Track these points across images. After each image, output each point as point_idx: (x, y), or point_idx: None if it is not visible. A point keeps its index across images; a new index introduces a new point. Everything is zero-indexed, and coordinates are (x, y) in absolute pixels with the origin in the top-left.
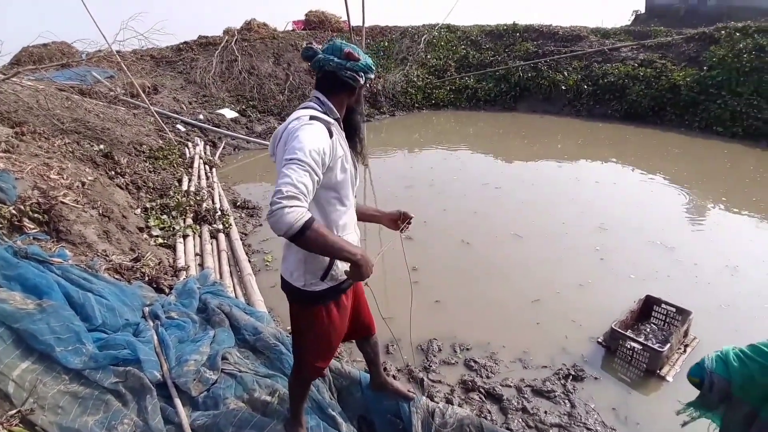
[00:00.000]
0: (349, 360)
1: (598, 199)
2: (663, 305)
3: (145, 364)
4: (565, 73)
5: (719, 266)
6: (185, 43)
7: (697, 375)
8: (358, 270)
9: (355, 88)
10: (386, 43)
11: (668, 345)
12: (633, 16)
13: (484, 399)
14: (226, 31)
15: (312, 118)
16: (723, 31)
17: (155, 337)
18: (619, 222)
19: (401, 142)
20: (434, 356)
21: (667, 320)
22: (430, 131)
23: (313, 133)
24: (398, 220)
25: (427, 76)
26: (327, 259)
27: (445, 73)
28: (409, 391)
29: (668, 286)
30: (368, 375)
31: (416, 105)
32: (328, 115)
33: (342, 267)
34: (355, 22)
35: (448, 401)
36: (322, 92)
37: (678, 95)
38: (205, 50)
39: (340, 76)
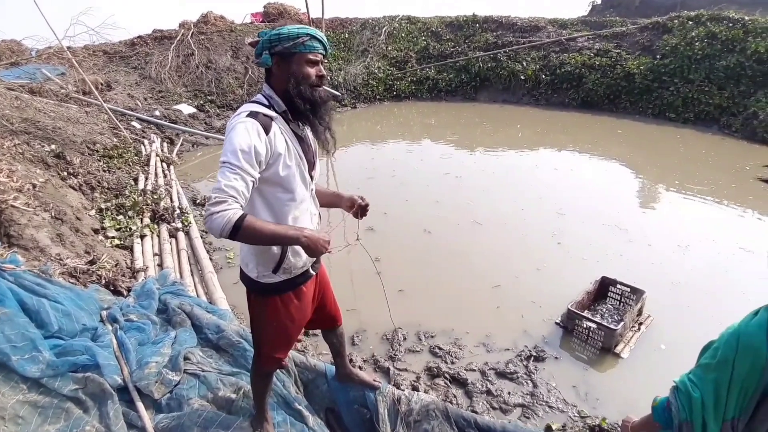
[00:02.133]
0: (315, 353)
1: (555, 185)
2: (618, 285)
3: (104, 369)
4: (524, 63)
5: (671, 246)
6: (139, 37)
7: (662, 421)
8: (309, 249)
9: (272, 69)
10: (347, 35)
11: (622, 323)
12: (590, 7)
13: (449, 384)
14: (182, 24)
15: (250, 114)
16: (676, 20)
17: (114, 341)
18: (576, 207)
19: (363, 135)
20: (399, 345)
21: (622, 300)
22: (392, 122)
23: (244, 133)
24: (354, 206)
25: (388, 67)
26: (278, 252)
27: (406, 65)
28: (374, 380)
29: (623, 267)
30: (333, 367)
31: (378, 97)
32: (274, 109)
33: (295, 260)
34: (315, 13)
35: (414, 388)
36: (269, 84)
37: (632, 83)
38: (160, 44)
39: (263, 65)
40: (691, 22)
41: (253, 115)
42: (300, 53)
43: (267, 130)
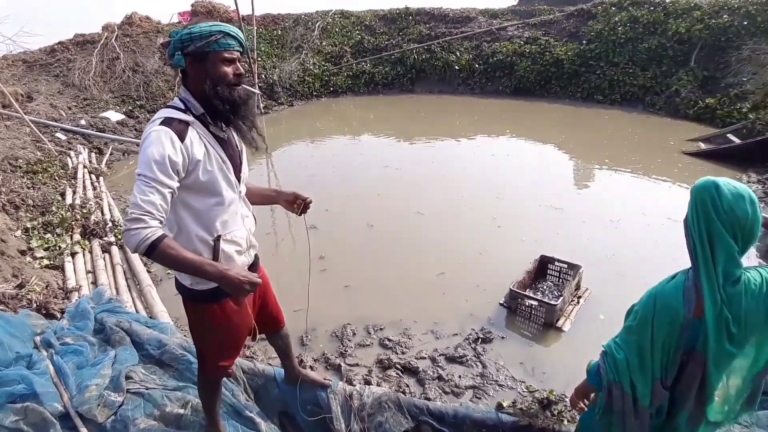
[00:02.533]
0: (264, 359)
1: (494, 171)
2: (556, 263)
3: (43, 397)
4: (458, 53)
5: (604, 221)
6: (60, 43)
7: (596, 384)
8: (225, 285)
9: (185, 71)
10: (279, 32)
11: (561, 298)
12: None
13: (401, 374)
14: (106, 27)
15: (163, 121)
16: (600, 7)
17: (51, 367)
18: (514, 190)
19: (302, 132)
20: (349, 341)
21: (561, 276)
22: (331, 118)
23: (157, 143)
24: (294, 203)
25: (323, 63)
26: (209, 257)
27: (341, 60)
28: (325, 378)
29: (560, 244)
30: (283, 371)
31: (314, 93)
32: (191, 112)
33: (229, 266)
34: (245, 10)
35: (367, 382)
36: (186, 87)
37: (561, 69)
38: (82, 49)
39: (176, 67)
40: (614, 8)
41: (167, 122)
42: (214, 52)
43: (182, 137)
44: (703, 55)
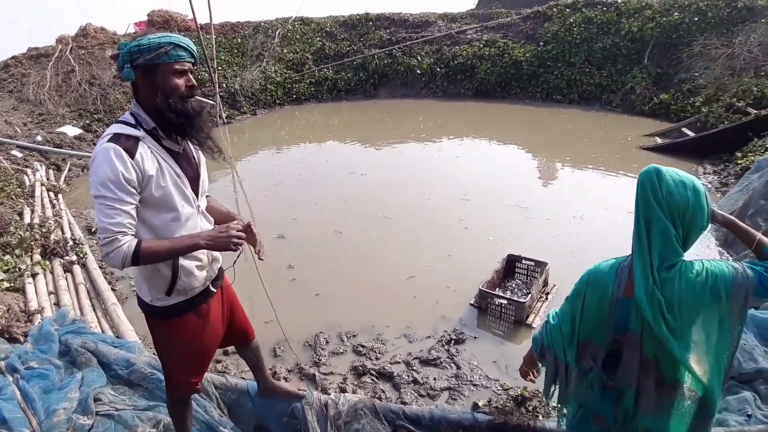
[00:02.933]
0: (237, 372)
1: (459, 172)
2: (523, 261)
3: (12, 423)
4: (419, 57)
5: (568, 218)
6: (13, 57)
7: (535, 349)
8: (214, 247)
9: (136, 83)
10: (239, 40)
11: (529, 296)
12: (477, 0)
13: (376, 380)
14: (60, 40)
15: (112, 138)
16: (555, 8)
17: (17, 392)
18: (479, 191)
19: (266, 141)
20: (322, 349)
21: (529, 273)
22: (295, 126)
23: (107, 163)
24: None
25: (285, 70)
26: (168, 274)
27: (303, 67)
28: (299, 389)
29: (527, 242)
30: (256, 384)
31: (277, 101)
32: (142, 127)
33: (189, 280)
34: (203, 19)
35: (342, 390)
36: (137, 101)
37: (520, 70)
38: (36, 63)
39: (126, 80)
40: (568, 9)
41: (115, 138)
42: (165, 64)
43: (132, 154)
44: (655, 53)
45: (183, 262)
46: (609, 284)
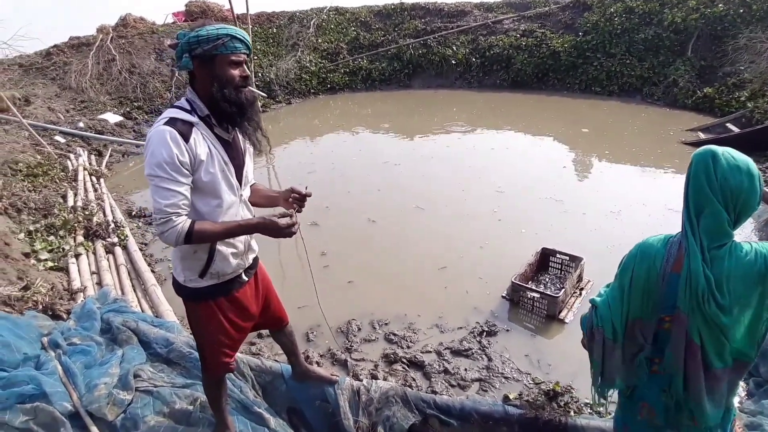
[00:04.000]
0: (271, 356)
1: (493, 164)
2: (558, 255)
3: (52, 397)
4: (454, 47)
5: (605, 212)
6: (55, 46)
7: (583, 329)
8: (268, 233)
9: (194, 72)
10: (275, 30)
11: (563, 291)
12: None
13: (407, 368)
14: (100, 29)
15: (168, 121)
16: None
17: (59, 367)
18: (514, 184)
19: (301, 130)
20: (354, 336)
21: (563, 268)
22: (329, 115)
23: (163, 144)
24: (289, 198)
25: (320, 60)
26: (204, 257)
27: (337, 56)
28: (332, 374)
29: (561, 236)
30: (290, 367)
31: (312, 90)
32: (195, 113)
33: (223, 266)
34: (240, 9)
35: (373, 377)
36: (192, 88)
37: (558, 61)
38: (78, 52)
39: (184, 68)
40: None
41: (171, 122)
42: (222, 55)
43: (186, 138)
44: (699, 45)
45: (220, 247)
46: (658, 258)
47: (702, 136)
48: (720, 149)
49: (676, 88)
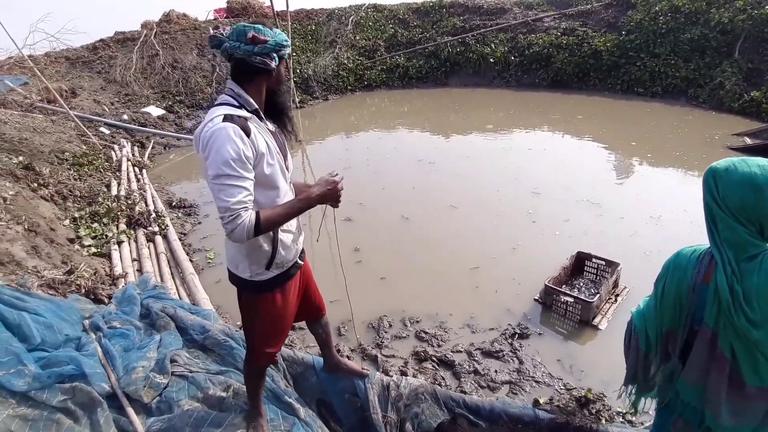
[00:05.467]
0: (302, 347)
1: (530, 165)
2: (593, 259)
3: (91, 378)
4: (493, 45)
5: (644, 217)
6: (101, 40)
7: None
8: (323, 200)
9: (271, 71)
10: (313, 27)
11: (597, 296)
12: None
13: (437, 367)
14: (144, 25)
15: (225, 118)
16: None
17: (99, 349)
18: (551, 185)
19: (337, 126)
20: (385, 332)
21: (598, 273)
22: (365, 112)
23: (228, 141)
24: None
25: (357, 57)
26: (269, 249)
27: (375, 54)
28: (363, 368)
29: (598, 240)
30: (321, 359)
31: (349, 87)
32: (245, 108)
33: (285, 253)
34: (280, 6)
35: (403, 373)
36: (237, 82)
37: (600, 60)
38: (123, 46)
39: (250, 62)
40: None
41: (228, 118)
42: (286, 59)
43: (247, 132)
44: (747, 47)
45: (281, 236)
46: (689, 269)
47: (749, 141)
48: (724, 163)
49: (723, 90)
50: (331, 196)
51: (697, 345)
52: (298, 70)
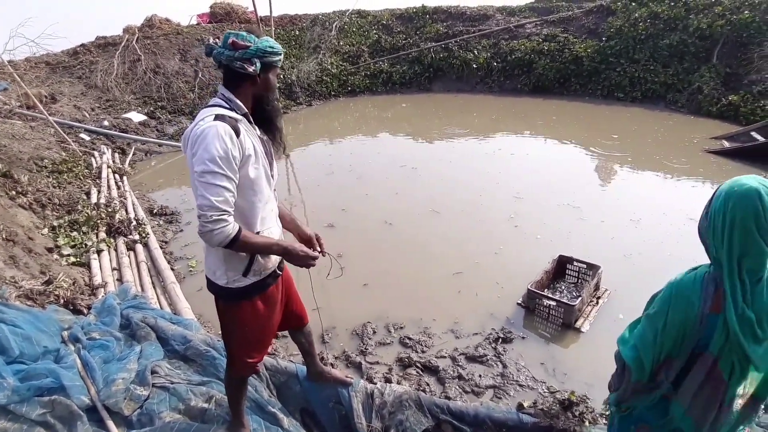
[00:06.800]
0: (286, 355)
1: (512, 170)
2: (575, 263)
3: (70, 390)
4: (475, 51)
5: (624, 221)
6: (82, 45)
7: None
8: (291, 259)
9: (254, 76)
10: (297, 32)
11: (579, 299)
12: None
13: (421, 373)
14: (126, 30)
15: (216, 117)
16: (619, 2)
17: (78, 361)
18: (533, 190)
19: (321, 132)
20: (369, 339)
21: (580, 276)
22: (349, 118)
23: (217, 138)
24: (310, 242)
25: (341, 63)
26: (247, 255)
27: (359, 59)
28: (347, 376)
29: (578, 244)
30: (305, 368)
31: (332, 93)
32: (236, 112)
33: (264, 261)
34: (263, 11)
35: (387, 380)
36: (227, 87)
37: (581, 66)
38: (104, 51)
39: (233, 68)
40: (634, 3)
41: (220, 118)
42: (276, 67)
43: (237, 133)
44: (725, 52)
45: None
46: (694, 299)
47: (726, 144)
48: (761, 185)
49: (701, 95)
50: (295, 258)
51: (696, 369)
52: (281, 76)
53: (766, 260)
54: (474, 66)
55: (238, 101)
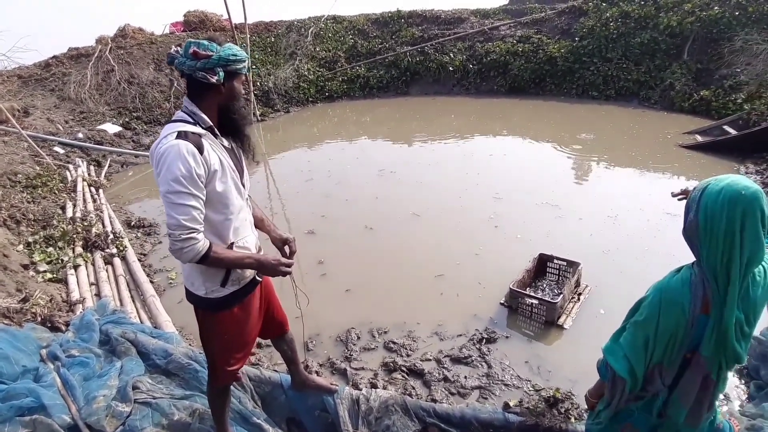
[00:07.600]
0: (270, 365)
1: (491, 170)
2: (555, 260)
3: (51, 410)
4: (451, 54)
5: (602, 217)
6: (54, 57)
7: (606, 378)
8: (265, 271)
9: (218, 87)
10: (273, 39)
11: (561, 296)
12: None
13: (407, 376)
14: (99, 40)
15: (179, 135)
16: (591, 3)
17: (58, 380)
18: (511, 190)
19: (299, 138)
20: (354, 345)
21: (561, 273)
22: (327, 123)
23: (180, 158)
24: (282, 247)
25: (317, 68)
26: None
27: (335, 65)
28: (331, 383)
29: (558, 242)
30: (290, 377)
31: (310, 99)
32: (200, 125)
33: (242, 271)
34: (238, 18)
35: (373, 385)
36: (191, 98)
37: (555, 66)
38: (77, 63)
39: (195, 78)
40: (605, 3)
41: (182, 135)
42: (240, 74)
43: (200, 149)
44: (696, 48)
45: (237, 252)
46: (684, 303)
47: (699, 138)
48: (755, 185)
49: (673, 91)
50: (268, 270)
51: (690, 371)
52: (258, 83)
53: (763, 259)
54: (450, 69)
55: (203, 114)
